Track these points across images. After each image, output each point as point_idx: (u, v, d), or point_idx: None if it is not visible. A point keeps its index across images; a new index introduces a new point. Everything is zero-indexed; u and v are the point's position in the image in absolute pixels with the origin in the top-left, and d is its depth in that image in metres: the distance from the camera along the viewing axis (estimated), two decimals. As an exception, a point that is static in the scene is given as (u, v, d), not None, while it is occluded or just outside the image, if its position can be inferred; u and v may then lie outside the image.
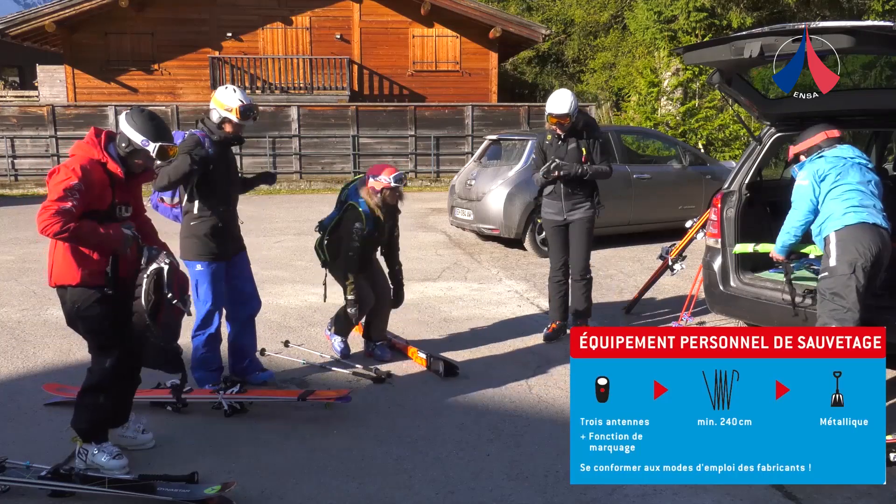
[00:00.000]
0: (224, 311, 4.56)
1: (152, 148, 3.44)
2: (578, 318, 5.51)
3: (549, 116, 5.28)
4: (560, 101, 5.26)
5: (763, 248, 4.46)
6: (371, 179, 4.96)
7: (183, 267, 3.79)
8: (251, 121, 4.43)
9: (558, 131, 5.34)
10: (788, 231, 4.23)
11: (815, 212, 4.10)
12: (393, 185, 4.92)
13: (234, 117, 4.31)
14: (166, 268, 3.45)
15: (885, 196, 5.45)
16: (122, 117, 3.52)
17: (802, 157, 4.29)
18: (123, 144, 3.46)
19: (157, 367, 3.69)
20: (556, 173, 5.24)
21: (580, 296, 5.48)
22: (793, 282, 4.56)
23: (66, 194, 3.23)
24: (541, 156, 5.52)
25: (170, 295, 3.45)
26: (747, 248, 4.67)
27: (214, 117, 4.35)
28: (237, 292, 4.58)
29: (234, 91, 4.36)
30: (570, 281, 5.54)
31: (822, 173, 4.08)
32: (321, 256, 5.13)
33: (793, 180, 5.87)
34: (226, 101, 4.31)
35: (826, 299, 3.96)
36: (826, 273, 3.97)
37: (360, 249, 4.90)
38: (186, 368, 4.59)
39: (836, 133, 4.18)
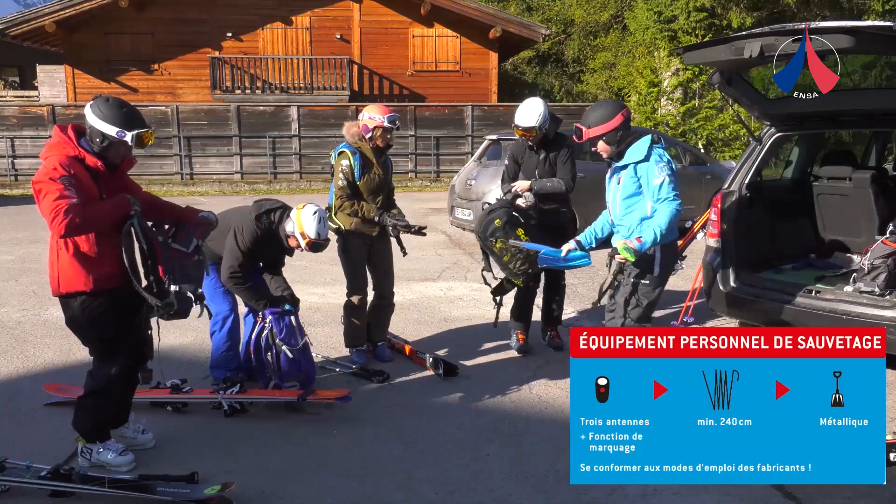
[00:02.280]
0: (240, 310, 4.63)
1: (129, 138, 3.30)
2: (551, 325, 5.37)
3: (515, 128, 4.98)
4: (527, 113, 4.93)
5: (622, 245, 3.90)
6: (365, 116, 4.81)
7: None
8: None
9: (529, 142, 5.08)
10: (664, 227, 3.85)
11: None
12: (386, 125, 4.76)
13: (302, 244, 4.31)
14: (134, 221, 3.31)
15: (885, 196, 5.49)
16: (87, 110, 3.34)
17: (603, 144, 3.99)
18: (98, 140, 3.32)
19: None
20: (512, 199, 4.94)
21: (558, 303, 5.34)
22: (791, 282, 4.55)
23: (64, 191, 3.13)
24: (513, 167, 5.20)
25: (160, 238, 3.39)
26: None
27: (289, 228, 4.33)
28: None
29: (319, 221, 4.29)
30: (539, 289, 5.35)
31: (670, 167, 3.92)
32: (333, 227, 4.93)
33: (800, 183, 5.83)
34: (305, 226, 4.27)
35: (638, 305, 4.04)
36: (647, 281, 4.03)
37: (350, 189, 4.80)
38: (206, 367, 4.64)
39: (627, 111, 4.00)
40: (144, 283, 3.39)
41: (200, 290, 3.64)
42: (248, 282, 4.38)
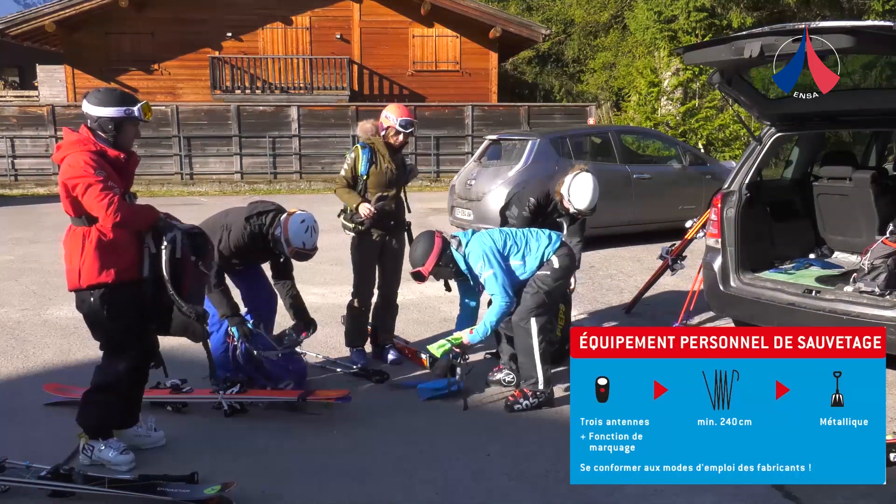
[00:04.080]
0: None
1: (137, 110, 3.41)
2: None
3: (579, 213, 4.85)
4: (591, 196, 4.76)
5: (455, 337, 4.38)
6: (383, 114, 4.85)
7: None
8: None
9: (567, 211, 4.92)
10: (493, 324, 4.30)
11: (514, 284, 4.32)
12: (397, 127, 4.78)
13: (286, 251, 4.39)
14: (178, 234, 3.43)
15: (885, 196, 5.48)
16: (86, 106, 3.41)
17: (446, 271, 4.38)
18: (109, 127, 3.39)
19: (181, 335, 3.65)
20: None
21: None
22: (791, 282, 4.53)
23: (107, 181, 3.27)
24: (534, 210, 4.93)
25: (193, 258, 3.48)
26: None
27: (277, 232, 4.38)
28: (254, 292, 4.66)
29: (307, 230, 4.34)
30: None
31: (495, 251, 4.26)
32: (348, 227, 4.95)
33: (800, 183, 5.81)
34: (291, 235, 4.32)
35: (539, 290, 4.30)
36: (548, 272, 4.34)
37: (350, 180, 4.82)
38: (206, 367, 4.63)
39: (439, 238, 4.35)
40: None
41: (204, 309, 3.69)
42: (223, 283, 4.38)
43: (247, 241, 4.34)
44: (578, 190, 4.78)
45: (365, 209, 4.75)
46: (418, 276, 4.36)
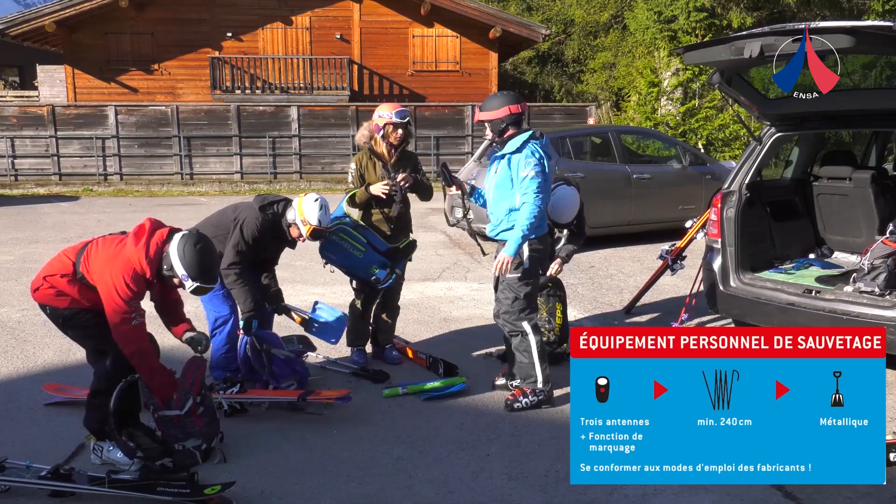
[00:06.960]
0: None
1: (189, 285, 3.49)
2: None
3: (554, 225, 5.00)
4: (570, 211, 5.01)
5: None
6: (375, 115, 4.75)
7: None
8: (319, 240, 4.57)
9: None
10: (526, 229, 4.06)
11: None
12: (395, 120, 4.66)
13: (303, 231, 4.37)
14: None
15: (885, 196, 5.49)
16: (175, 243, 3.47)
17: (489, 132, 4.24)
18: (166, 266, 3.49)
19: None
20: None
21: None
22: (791, 282, 4.52)
23: (132, 309, 3.40)
24: None
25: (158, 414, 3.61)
26: None
27: (290, 216, 4.39)
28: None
29: (321, 208, 4.35)
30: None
31: (540, 164, 4.11)
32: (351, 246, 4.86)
33: (800, 183, 5.82)
34: (306, 213, 4.34)
35: (517, 298, 4.23)
36: (518, 274, 4.20)
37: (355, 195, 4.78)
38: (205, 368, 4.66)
39: (518, 108, 4.16)
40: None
41: (207, 446, 3.69)
42: (246, 279, 4.36)
43: (262, 231, 4.37)
44: (556, 204, 4.84)
45: (379, 188, 4.69)
46: (477, 122, 4.26)
